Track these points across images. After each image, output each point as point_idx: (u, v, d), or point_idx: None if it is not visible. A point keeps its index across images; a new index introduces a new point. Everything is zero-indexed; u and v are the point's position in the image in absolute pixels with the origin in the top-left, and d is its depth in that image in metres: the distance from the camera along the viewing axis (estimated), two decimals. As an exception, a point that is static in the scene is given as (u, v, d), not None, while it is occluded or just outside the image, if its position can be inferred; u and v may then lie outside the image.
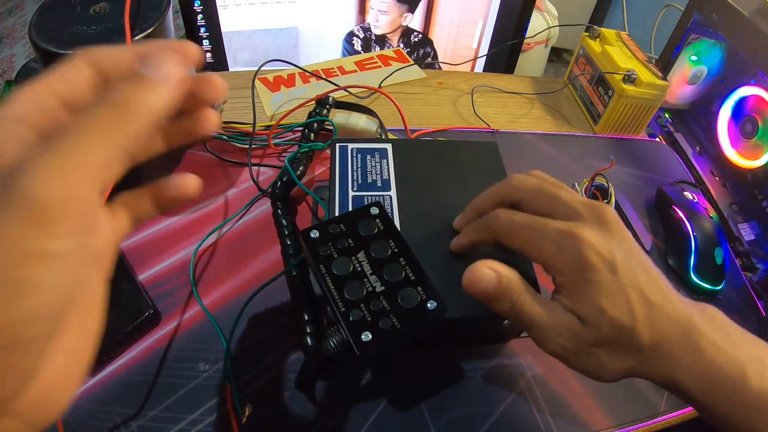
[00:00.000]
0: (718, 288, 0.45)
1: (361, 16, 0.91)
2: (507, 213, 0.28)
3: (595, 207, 0.26)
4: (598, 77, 0.60)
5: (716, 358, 0.23)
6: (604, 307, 0.24)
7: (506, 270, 0.26)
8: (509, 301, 0.26)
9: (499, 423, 0.35)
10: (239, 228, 0.45)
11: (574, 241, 0.24)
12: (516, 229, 0.27)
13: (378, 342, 0.27)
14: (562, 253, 0.25)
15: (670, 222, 0.49)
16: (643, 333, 0.24)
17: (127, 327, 0.36)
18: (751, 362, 0.23)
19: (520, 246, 0.27)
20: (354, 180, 0.38)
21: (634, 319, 0.24)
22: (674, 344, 0.24)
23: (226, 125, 0.52)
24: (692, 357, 0.24)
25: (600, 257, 0.24)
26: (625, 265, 0.24)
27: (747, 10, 0.53)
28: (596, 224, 0.25)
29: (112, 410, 0.33)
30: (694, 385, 0.24)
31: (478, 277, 0.26)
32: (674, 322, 0.24)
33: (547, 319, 0.25)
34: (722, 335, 0.24)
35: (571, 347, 0.25)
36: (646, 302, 0.24)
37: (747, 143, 0.57)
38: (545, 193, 0.28)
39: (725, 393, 0.23)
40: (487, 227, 0.29)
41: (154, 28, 0.38)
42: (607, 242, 0.25)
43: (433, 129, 0.57)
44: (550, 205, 0.27)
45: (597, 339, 0.24)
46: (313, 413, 0.34)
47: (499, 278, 0.26)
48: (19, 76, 0.41)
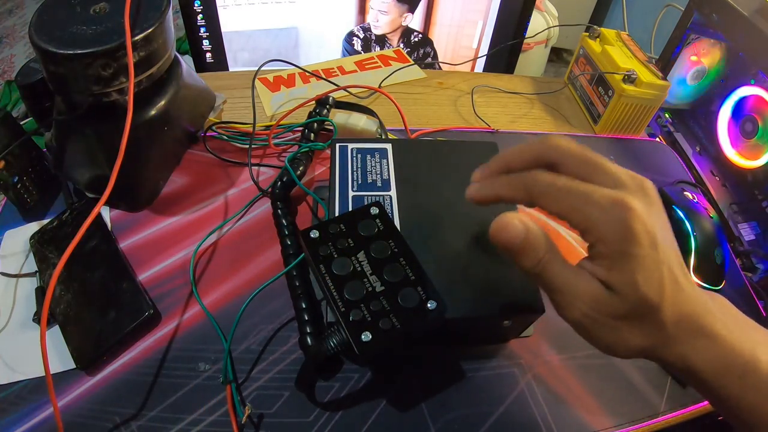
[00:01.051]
0: (718, 288, 0.45)
1: (361, 16, 0.91)
2: (549, 176, 0.26)
3: (638, 179, 0.25)
4: (598, 77, 0.60)
5: (728, 341, 0.24)
6: (638, 281, 0.23)
7: (536, 227, 0.25)
8: (534, 257, 0.25)
9: (499, 423, 0.35)
10: (239, 228, 0.45)
11: (624, 210, 0.23)
12: (560, 193, 0.25)
13: (378, 342, 0.27)
14: (608, 222, 0.24)
15: (670, 222, 0.49)
16: (668, 311, 0.23)
17: (127, 327, 0.36)
18: (761, 345, 0.24)
19: (560, 210, 0.25)
20: (354, 180, 0.38)
21: (662, 297, 0.23)
22: (691, 325, 0.24)
23: (226, 125, 0.52)
24: (707, 339, 0.24)
25: (646, 230, 0.23)
26: (664, 242, 0.24)
27: (747, 10, 0.53)
28: (641, 196, 0.25)
29: (112, 410, 0.33)
30: (707, 366, 0.24)
31: (506, 225, 0.25)
32: (694, 304, 0.24)
33: (572, 284, 0.24)
34: (733, 320, 0.25)
35: (593, 316, 0.24)
36: (674, 281, 0.24)
37: (747, 143, 0.57)
38: (589, 158, 0.26)
39: (737, 374, 0.23)
40: (525, 186, 0.26)
41: (154, 28, 0.38)
42: (651, 215, 0.24)
43: (433, 129, 0.57)
44: (594, 172, 0.25)
45: (622, 311, 0.24)
46: (313, 413, 0.34)
47: (527, 232, 0.25)
48: (19, 76, 0.41)
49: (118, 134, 0.36)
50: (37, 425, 0.33)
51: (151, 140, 0.43)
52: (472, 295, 0.32)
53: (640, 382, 0.38)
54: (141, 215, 0.45)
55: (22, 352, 0.36)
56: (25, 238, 0.43)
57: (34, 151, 0.45)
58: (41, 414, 0.33)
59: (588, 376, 0.38)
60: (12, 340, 0.37)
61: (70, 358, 0.35)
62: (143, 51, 0.38)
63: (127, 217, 0.45)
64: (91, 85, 0.37)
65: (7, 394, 0.34)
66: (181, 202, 0.46)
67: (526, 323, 0.38)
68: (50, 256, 0.41)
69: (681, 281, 0.24)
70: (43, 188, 0.46)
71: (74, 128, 0.41)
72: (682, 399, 0.37)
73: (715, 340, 0.24)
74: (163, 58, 0.41)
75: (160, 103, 0.43)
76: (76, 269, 0.40)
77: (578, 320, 0.25)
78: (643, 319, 0.24)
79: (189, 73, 0.47)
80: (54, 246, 0.41)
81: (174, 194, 0.47)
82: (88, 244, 0.41)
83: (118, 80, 0.38)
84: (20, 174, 0.43)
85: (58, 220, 0.43)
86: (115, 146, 0.36)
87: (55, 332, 0.37)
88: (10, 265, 0.41)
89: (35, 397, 0.34)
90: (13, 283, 0.40)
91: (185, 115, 0.47)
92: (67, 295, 0.38)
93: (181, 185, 0.48)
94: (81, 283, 0.39)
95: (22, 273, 0.41)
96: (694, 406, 0.37)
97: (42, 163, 0.46)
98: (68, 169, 0.44)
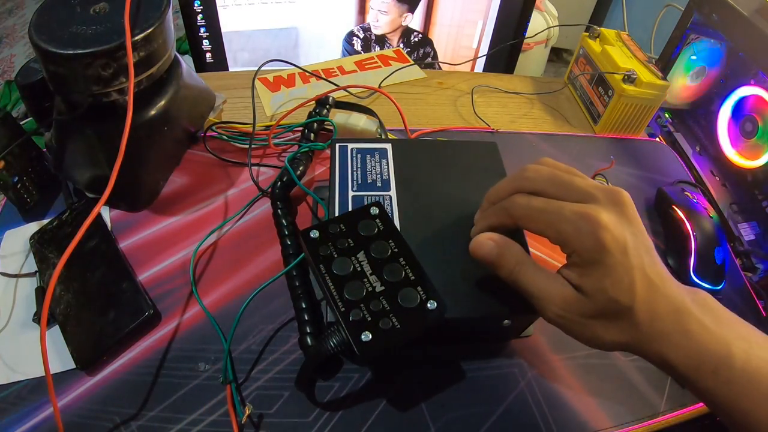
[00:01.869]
0: (718, 288, 0.45)
1: (361, 16, 0.91)
2: (524, 198, 0.29)
3: (608, 190, 0.28)
4: (598, 77, 0.60)
5: (703, 337, 0.25)
6: (606, 285, 0.25)
7: (505, 242, 0.30)
8: (507, 268, 0.29)
9: (499, 423, 0.35)
10: (239, 228, 0.45)
11: (591, 223, 0.26)
12: (534, 213, 0.28)
13: (378, 342, 0.27)
14: (579, 235, 0.26)
15: (670, 222, 0.49)
16: (641, 311, 0.25)
17: (127, 327, 0.36)
18: (738, 341, 0.25)
19: (538, 228, 0.28)
20: (354, 180, 0.38)
21: (633, 299, 0.25)
22: (666, 323, 0.25)
23: (226, 125, 0.52)
24: (681, 336, 0.25)
25: (614, 239, 0.25)
26: (635, 248, 0.26)
27: (747, 10, 0.53)
28: (611, 206, 0.27)
29: (112, 410, 0.33)
30: (682, 361, 0.25)
31: (480, 244, 0.30)
32: (669, 303, 0.26)
33: (544, 288, 0.28)
34: (711, 317, 0.26)
35: (566, 315, 0.27)
36: (648, 283, 0.25)
37: (747, 143, 0.57)
38: (560, 180, 0.29)
39: (710, 369, 0.25)
40: (506, 211, 0.30)
41: (154, 28, 0.38)
42: (620, 224, 0.26)
43: (433, 129, 0.57)
44: (566, 190, 0.28)
45: (592, 312, 0.26)
46: (313, 413, 0.34)
47: (498, 247, 0.30)
48: (19, 76, 0.41)
49: (118, 134, 0.36)
50: (37, 425, 0.33)
51: (151, 140, 0.43)
52: (472, 295, 0.32)
53: (640, 382, 0.38)
54: (141, 215, 0.45)
55: (22, 352, 0.36)
56: (25, 238, 0.43)
57: (34, 151, 0.45)
58: (41, 414, 0.33)
59: (588, 376, 0.38)
60: (12, 340, 0.37)
61: (70, 358, 0.35)
62: (143, 51, 0.38)
63: (127, 217, 0.45)
64: (91, 85, 0.37)
65: (7, 394, 0.34)
66: (181, 202, 0.46)
67: (526, 323, 0.38)
68: (50, 256, 0.41)
69: (656, 282, 0.26)
70: (43, 188, 0.46)
71: (74, 128, 0.41)
72: (682, 399, 0.37)
73: (690, 336, 0.25)
74: (163, 58, 0.41)
75: (160, 103, 0.43)
76: (76, 269, 0.40)
77: (554, 319, 0.28)
78: (615, 319, 0.26)
79: (189, 73, 0.47)
80: (54, 246, 0.41)
81: (174, 194, 0.47)
82: (88, 244, 0.41)
83: (118, 80, 0.38)
84: (20, 174, 0.43)
85: (58, 220, 0.43)
86: (115, 146, 0.36)
87: (55, 332, 0.37)
88: (10, 265, 0.41)
89: (35, 397, 0.34)
90: (13, 283, 0.40)
91: (185, 115, 0.47)
92: (67, 295, 0.38)
93: (181, 185, 0.48)
94: (81, 283, 0.39)
95: (22, 273, 0.41)
96: (694, 406, 0.37)
97: (42, 163, 0.46)
98: (68, 169, 0.44)
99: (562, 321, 0.27)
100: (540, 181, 0.29)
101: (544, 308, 0.28)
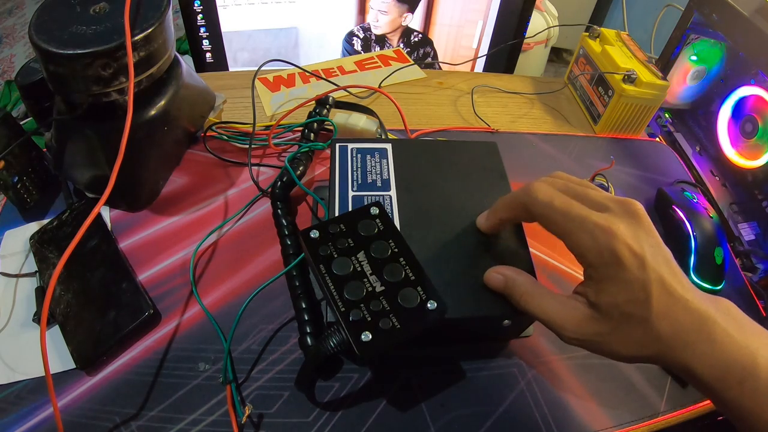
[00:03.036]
0: (718, 288, 0.45)
1: (361, 16, 0.91)
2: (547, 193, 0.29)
3: (623, 202, 0.27)
4: (598, 77, 0.60)
5: (728, 347, 0.24)
6: (620, 302, 0.25)
7: (513, 273, 0.31)
8: (516, 298, 0.30)
9: (499, 423, 0.35)
10: (239, 228, 0.45)
11: (608, 235, 0.26)
12: (558, 216, 0.28)
13: (378, 342, 0.27)
14: (596, 249, 0.26)
15: (670, 222, 0.49)
16: (662, 324, 0.25)
17: (127, 327, 0.36)
18: (763, 350, 0.24)
19: (556, 232, 0.28)
20: (354, 180, 0.38)
21: (649, 312, 0.25)
22: (690, 334, 0.25)
23: (226, 125, 0.52)
24: (706, 346, 0.25)
25: (632, 253, 0.25)
26: (654, 260, 0.25)
27: (747, 10, 0.53)
28: (627, 218, 0.27)
29: (112, 410, 0.33)
30: (708, 372, 0.25)
31: (490, 278, 0.32)
32: (691, 313, 0.25)
33: (555, 313, 0.28)
34: (735, 326, 0.25)
35: (581, 338, 0.27)
36: (667, 295, 0.25)
37: (747, 143, 0.57)
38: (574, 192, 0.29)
39: (736, 379, 0.24)
40: (524, 206, 0.30)
41: (154, 28, 0.38)
42: (638, 237, 0.26)
43: (433, 129, 0.57)
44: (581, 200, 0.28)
45: (608, 329, 0.26)
46: (313, 413, 0.34)
47: (506, 280, 0.31)
48: (19, 76, 0.41)
49: (118, 134, 0.36)
50: (37, 425, 0.33)
51: (151, 140, 0.43)
52: (472, 295, 0.32)
53: (640, 382, 0.38)
54: (141, 215, 0.45)
55: (22, 352, 0.36)
56: (25, 238, 0.43)
57: (34, 151, 0.45)
58: (41, 414, 0.33)
59: (588, 376, 0.38)
60: (12, 340, 0.37)
61: (70, 358, 0.35)
62: (143, 51, 0.38)
63: (127, 217, 0.45)
64: (91, 85, 0.37)
65: (7, 394, 0.34)
66: (181, 202, 0.46)
67: (526, 323, 0.37)
68: (50, 256, 0.41)
69: (676, 293, 0.25)
70: (43, 188, 0.46)
71: (74, 128, 0.41)
72: (682, 399, 0.37)
73: (715, 346, 0.24)
74: (163, 58, 0.41)
75: (160, 103, 0.43)
76: (76, 269, 0.40)
77: (571, 341, 0.28)
78: (632, 334, 0.26)
79: (189, 73, 0.47)
80: (54, 246, 0.41)
81: (174, 194, 0.47)
82: (88, 244, 0.41)
83: (118, 80, 0.38)
84: (20, 174, 0.43)
85: (58, 220, 0.43)
86: (115, 146, 0.36)
87: (55, 332, 0.37)
88: (10, 265, 0.41)
89: (35, 397, 0.34)
90: (13, 283, 0.40)
91: (185, 115, 0.47)
92: (67, 295, 0.38)
93: (181, 185, 0.48)
94: (81, 283, 0.39)
95: (22, 273, 0.41)
96: (694, 406, 0.37)
97: (42, 163, 0.46)
98: (68, 169, 0.44)
99: (578, 342, 0.28)
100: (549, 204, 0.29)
101: (560, 333, 0.28)
